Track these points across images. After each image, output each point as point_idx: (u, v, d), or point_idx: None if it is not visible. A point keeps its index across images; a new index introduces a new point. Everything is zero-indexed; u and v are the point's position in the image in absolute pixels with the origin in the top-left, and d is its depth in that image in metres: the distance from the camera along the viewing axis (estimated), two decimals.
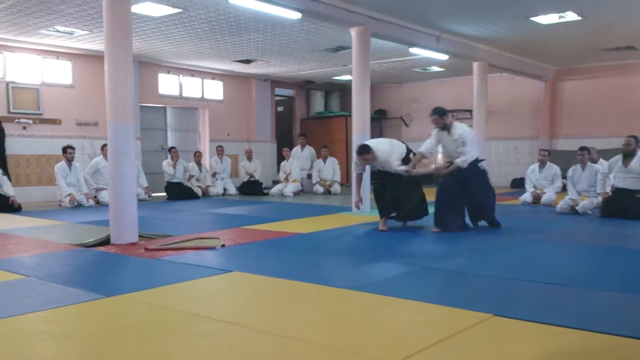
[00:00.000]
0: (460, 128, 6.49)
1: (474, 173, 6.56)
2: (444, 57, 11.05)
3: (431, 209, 6.72)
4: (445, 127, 6.50)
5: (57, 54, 10.92)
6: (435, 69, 13.70)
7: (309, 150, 13.50)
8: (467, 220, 6.79)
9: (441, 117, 6.47)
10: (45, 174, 10.81)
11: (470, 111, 13.02)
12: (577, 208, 8.19)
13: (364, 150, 6.61)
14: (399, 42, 9.79)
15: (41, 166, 10.80)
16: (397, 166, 6.45)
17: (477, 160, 6.56)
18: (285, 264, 4.75)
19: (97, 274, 4.51)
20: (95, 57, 10.97)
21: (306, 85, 16.27)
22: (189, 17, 8.60)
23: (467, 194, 6.56)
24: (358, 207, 7.61)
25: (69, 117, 11.13)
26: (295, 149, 13.48)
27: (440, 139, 6.63)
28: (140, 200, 9.35)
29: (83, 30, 9.38)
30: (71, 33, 9.58)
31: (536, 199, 9.67)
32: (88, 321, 3.20)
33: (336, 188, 12.59)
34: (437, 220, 6.56)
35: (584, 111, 13.68)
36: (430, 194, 6.83)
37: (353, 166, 7.19)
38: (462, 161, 6.37)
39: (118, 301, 3.53)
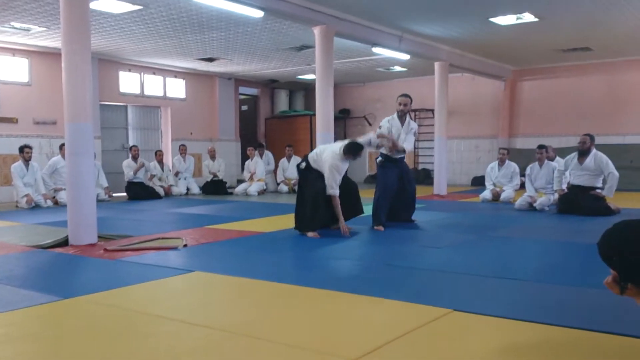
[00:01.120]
0: (413, 122, 6.99)
1: (408, 168, 7.13)
2: (405, 57, 11.16)
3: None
4: (404, 115, 6.79)
5: (14, 51, 10.63)
6: (398, 68, 13.82)
7: (267, 156, 13.47)
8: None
9: (411, 103, 6.86)
10: (1, 174, 10.51)
11: (432, 110, 13.19)
12: (534, 205, 8.40)
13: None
14: (361, 41, 9.85)
15: None
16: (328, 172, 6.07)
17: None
18: (248, 263, 4.73)
19: (55, 275, 4.41)
20: (53, 55, 10.73)
21: (270, 84, 16.22)
22: (149, 14, 8.49)
23: (400, 188, 6.83)
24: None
25: (26, 116, 10.85)
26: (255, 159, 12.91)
27: (391, 128, 6.73)
28: (100, 201, 9.19)
29: (40, 26, 9.15)
30: (28, 30, 9.34)
31: (496, 196, 9.88)
32: (45, 324, 3.13)
33: None
34: (380, 218, 6.62)
35: (541, 110, 14.01)
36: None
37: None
38: (408, 147, 6.77)
39: (76, 303, 3.47)
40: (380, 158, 6.84)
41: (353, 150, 6.09)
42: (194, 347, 2.68)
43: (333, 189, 6.03)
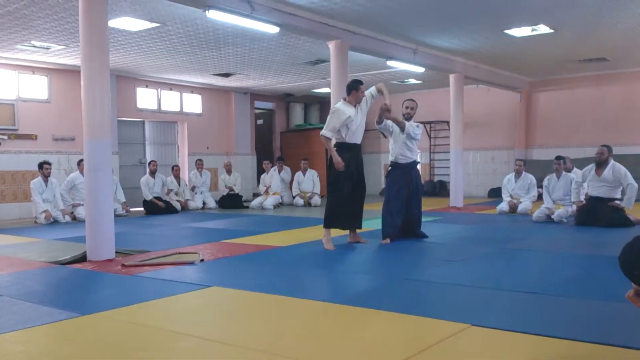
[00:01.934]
0: (418, 126, 6.82)
1: (417, 175, 6.85)
2: (420, 69, 11.17)
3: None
4: (409, 120, 6.70)
5: (33, 69, 10.82)
6: (412, 81, 13.83)
7: (286, 170, 13.37)
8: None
9: (416, 107, 6.80)
10: (20, 190, 10.66)
11: (447, 122, 13.15)
12: (552, 217, 8.31)
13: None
14: (376, 55, 9.88)
15: (17, 182, 10.65)
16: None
17: (415, 163, 6.83)
18: (265, 278, 4.73)
19: (73, 291, 4.46)
20: (72, 72, 10.90)
21: (286, 98, 16.31)
22: (167, 31, 8.60)
23: (409, 197, 6.63)
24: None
25: (45, 133, 11.01)
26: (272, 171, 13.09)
27: (394, 129, 6.69)
28: (117, 216, 9.25)
29: (59, 45, 9.31)
30: (47, 48, 9.51)
31: (513, 208, 9.79)
32: (64, 340, 3.15)
33: (316, 200, 12.59)
34: (385, 232, 6.52)
35: (558, 121, 13.91)
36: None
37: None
38: (409, 125, 6.59)
39: (95, 319, 3.49)
40: (390, 167, 6.80)
41: (351, 87, 6.40)
42: None
43: (324, 130, 6.17)
